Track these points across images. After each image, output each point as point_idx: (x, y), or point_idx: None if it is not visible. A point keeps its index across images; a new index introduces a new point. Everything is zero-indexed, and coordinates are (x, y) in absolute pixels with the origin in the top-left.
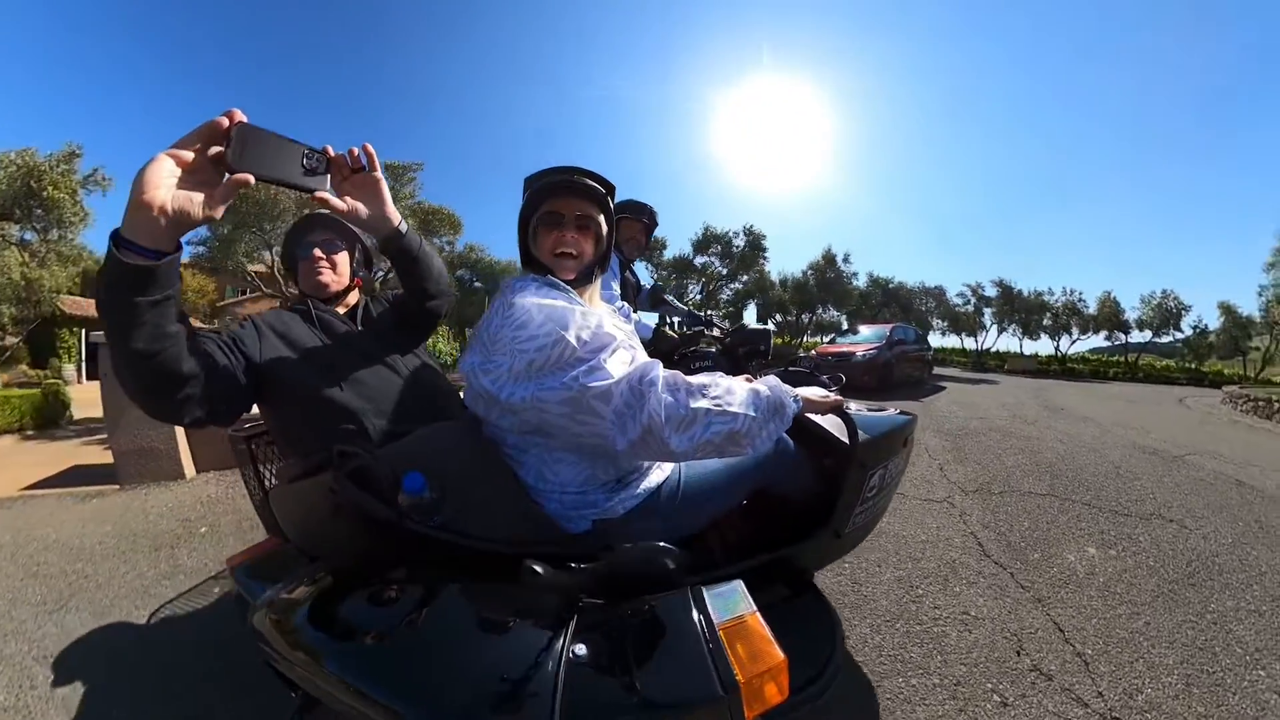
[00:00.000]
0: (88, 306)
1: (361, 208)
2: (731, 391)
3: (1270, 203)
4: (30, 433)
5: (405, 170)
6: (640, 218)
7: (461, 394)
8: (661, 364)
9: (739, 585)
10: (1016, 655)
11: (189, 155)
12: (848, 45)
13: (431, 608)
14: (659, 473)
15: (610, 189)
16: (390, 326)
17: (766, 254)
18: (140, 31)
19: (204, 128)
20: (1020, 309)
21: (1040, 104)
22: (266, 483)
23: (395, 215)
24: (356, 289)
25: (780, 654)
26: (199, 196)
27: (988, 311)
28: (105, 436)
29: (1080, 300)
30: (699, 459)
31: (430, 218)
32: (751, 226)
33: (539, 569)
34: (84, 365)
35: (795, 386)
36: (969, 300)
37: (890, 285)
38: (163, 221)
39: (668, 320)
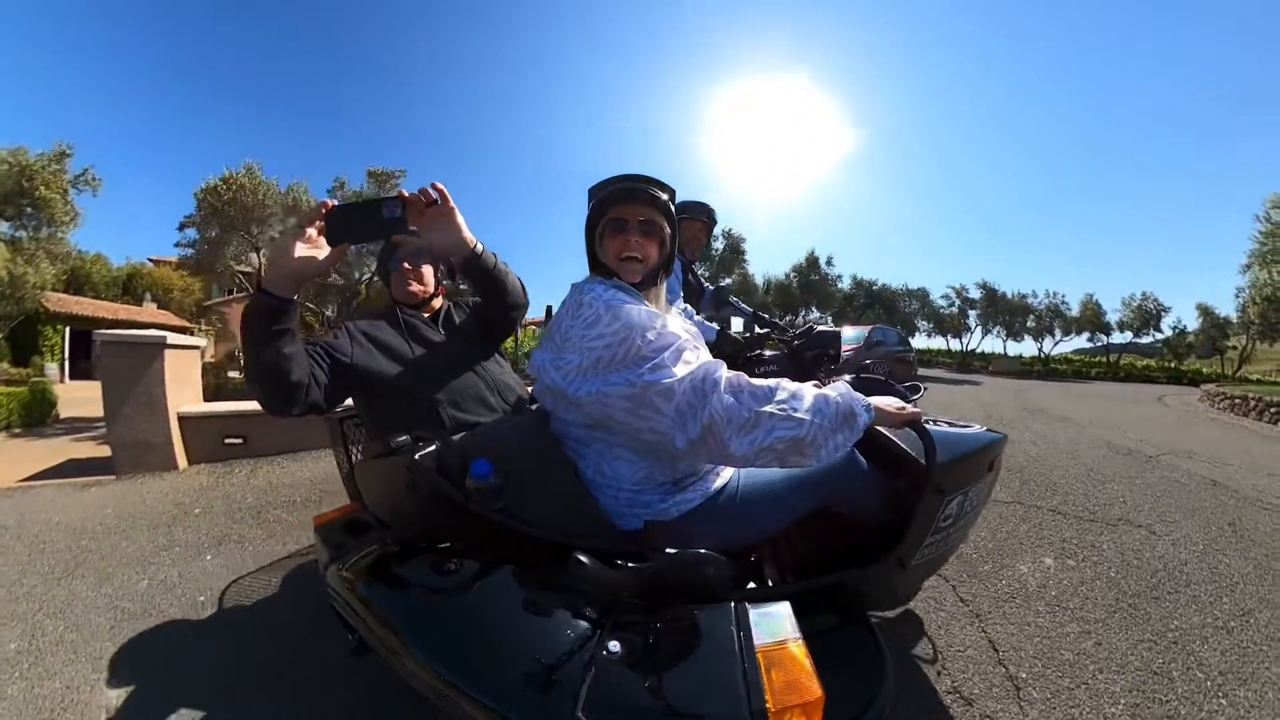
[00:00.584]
0: (73, 304)
1: (438, 237)
2: (798, 397)
3: (1249, 206)
4: (17, 431)
5: (389, 177)
6: (700, 217)
7: (532, 389)
8: (725, 365)
9: (785, 607)
10: (937, 675)
11: (302, 232)
12: (840, 44)
13: (481, 583)
14: (716, 479)
15: (671, 193)
16: (470, 330)
17: (746, 257)
18: (129, 24)
19: (310, 213)
20: (1004, 311)
21: (1040, 103)
22: (353, 457)
23: (470, 239)
24: (441, 296)
25: (818, 688)
26: (311, 260)
27: (972, 313)
28: (94, 434)
29: (1063, 302)
30: (760, 465)
31: None
32: (730, 230)
33: (586, 561)
34: (67, 364)
35: (868, 395)
36: (953, 302)
37: (874, 287)
38: (288, 278)
39: (732, 322)
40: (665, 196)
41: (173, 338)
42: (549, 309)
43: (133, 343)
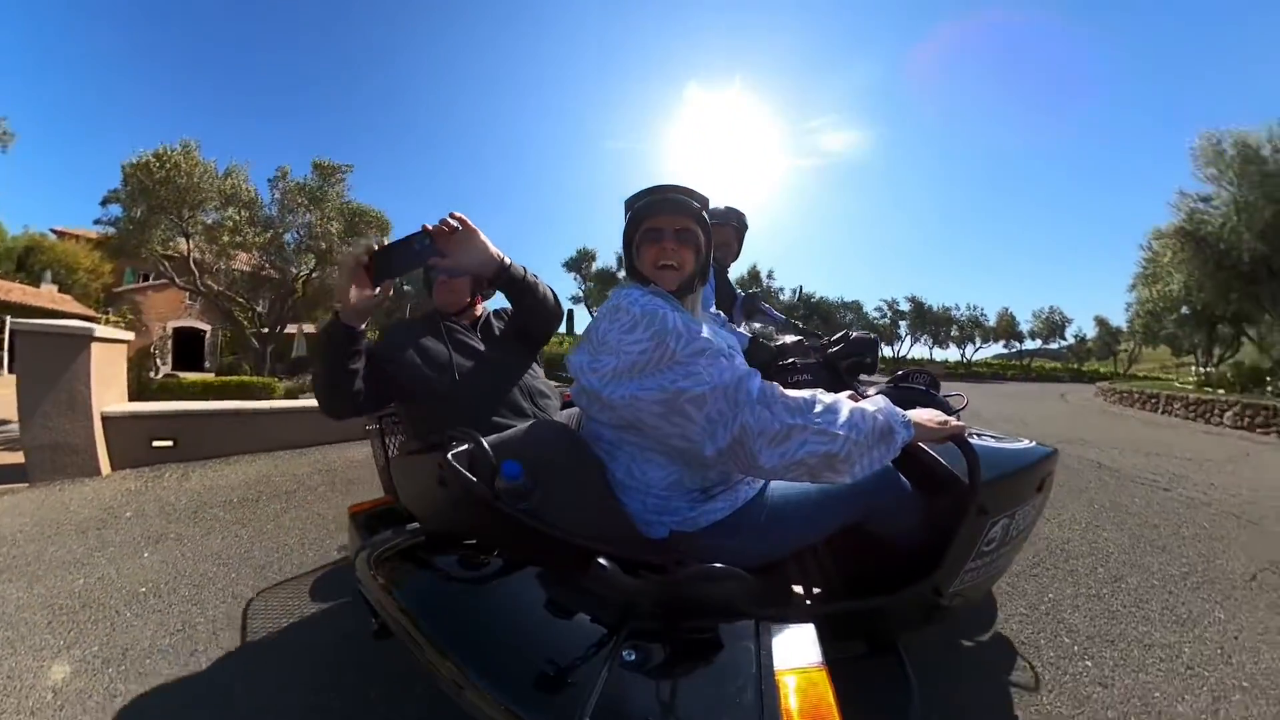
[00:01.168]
0: None
1: (465, 257)
2: (834, 410)
3: (1139, 227)
4: None
5: (334, 171)
6: (729, 222)
7: (569, 390)
8: (760, 375)
9: (810, 630)
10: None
11: (357, 275)
12: (780, 60)
13: (502, 581)
14: (747, 490)
15: (704, 201)
16: (508, 338)
17: None
18: None
19: (359, 258)
20: (930, 322)
21: (976, 125)
22: (390, 453)
23: (497, 256)
24: (480, 304)
25: (838, 719)
26: (368, 297)
27: (902, 324)
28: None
29: (982, 314)
30: (791, 479)
31: (357, 219)
32: None
33: (608, 567)
34: None
35: (908, 406)
36: (885, 314)
37: (813, 300)
38: (357, 313)
39: (765, 329)
40: (698, 205)
41: (100, 330)
42: (569, 313)
43: (56, 334)
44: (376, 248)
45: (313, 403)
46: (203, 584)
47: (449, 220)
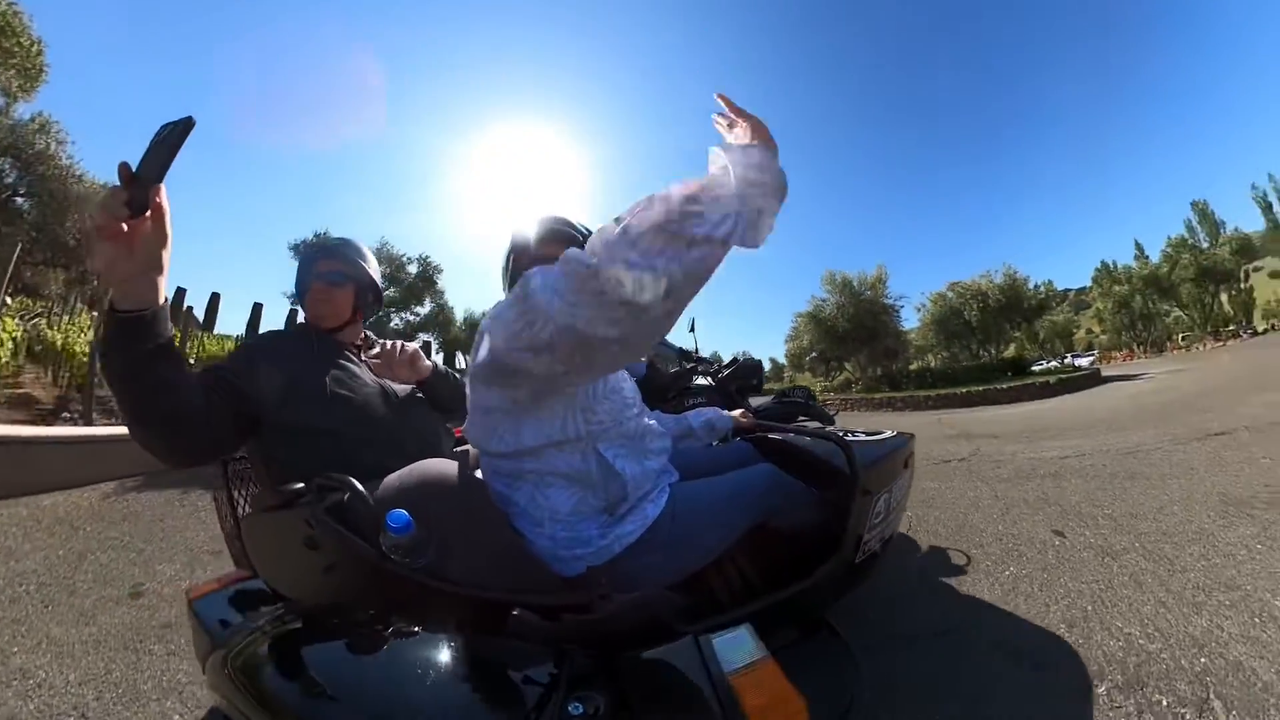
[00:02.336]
0: None
1: (405, 373)
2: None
3: (805, 287)
4: None
5: None
6: None
7: (459, 427)
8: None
9: (747, 630)
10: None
11: (114, 228)
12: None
13: (411, 657)
14: (652, 508)
15: (586, 234)
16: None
17: (441, 291)
18: None
19: (119, 195)
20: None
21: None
22: (240, 510)
23: (427, 368)
24: (359, 320)
25: (799, 699)
26: (137, 241)
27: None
28: None
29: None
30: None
31: None
32: (427, 258)
33: (530, 619)
34: None
35: (790, 416)
36: None
37: None
38: (135, 278)
39: (661, 357)
40: (581, 237)
41: None
42: (257, 306)
43: None
44: (126, 172)
45: None
46: None
47: (396, 351)
